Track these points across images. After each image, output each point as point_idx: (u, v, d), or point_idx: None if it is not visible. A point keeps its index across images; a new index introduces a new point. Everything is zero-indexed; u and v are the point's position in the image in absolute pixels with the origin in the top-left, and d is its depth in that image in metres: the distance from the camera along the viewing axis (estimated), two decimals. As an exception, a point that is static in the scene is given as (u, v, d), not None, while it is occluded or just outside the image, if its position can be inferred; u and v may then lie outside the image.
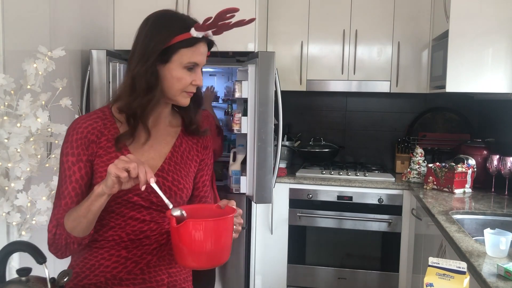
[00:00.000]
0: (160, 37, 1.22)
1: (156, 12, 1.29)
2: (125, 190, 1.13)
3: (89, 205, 1.11)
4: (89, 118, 1.23)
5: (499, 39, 2.59)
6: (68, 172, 1.18)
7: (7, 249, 1.42)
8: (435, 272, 1.25)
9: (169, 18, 1.27)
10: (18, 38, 1.97)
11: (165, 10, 1.31)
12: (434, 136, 3.46)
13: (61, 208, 1.18)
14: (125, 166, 1.03)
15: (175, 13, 1.30)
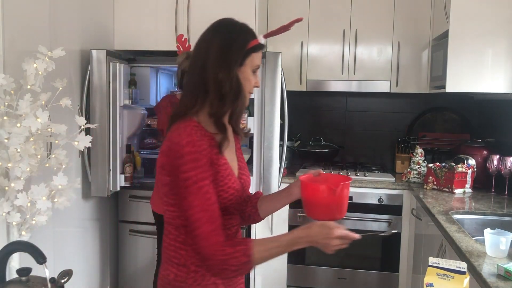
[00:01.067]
0: (239, 44, 1.29)
1: (221, 21, 1.36)
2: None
3: (288, 249, 1.22)
4: (199, 136, 1.23)
5: (499, 40, 2.59)
6: (209, 196, 1.20)
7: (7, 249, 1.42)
8: (435, 272, 1.25)
9: (239, 26, 1.35)
10: (18, 38, 1.97)
11: (229, 19, 1.37)
12: (434, 136, 3.46)
13: (219, 232, 1.20)
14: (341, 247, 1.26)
15: (239, 22, 1.38)
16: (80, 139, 1.81)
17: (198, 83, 1.27)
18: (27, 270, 1.40)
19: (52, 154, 1.79)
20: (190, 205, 1.18)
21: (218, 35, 1.30)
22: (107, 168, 2.68)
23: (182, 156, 1.17)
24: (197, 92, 1.27)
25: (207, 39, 1.30)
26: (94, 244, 2.84)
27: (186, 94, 1.33)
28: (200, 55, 1.29)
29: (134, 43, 2.99)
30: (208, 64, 1.26)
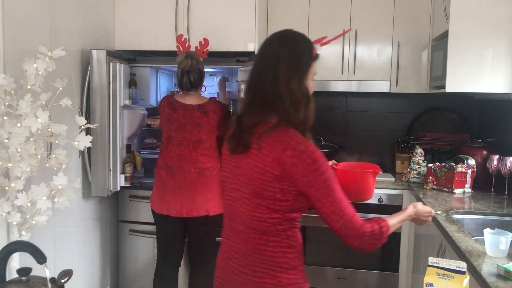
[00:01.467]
0: (307, 55, 1.37)
1: (285, 33, 1.41)
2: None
3: (403, 223, 1.51)
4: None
5: (499, 39, 2.59)
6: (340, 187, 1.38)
7: (7, 249, 1.42)
8: (435, 272, 1.25)
9: (303, 37, 1.42)
10: (18, 38, 1.97)
11: (290, 30, 1.43)
12: (434, 136, 3.46)
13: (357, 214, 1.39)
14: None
15: (299, 32, 1.44)
16: (80, 139, 1.81)
17: (270, 93, 1.31)
18: (27, 270, 1.40)
19: (52, 154, 1.80)
20: (336, 199, 1.34)
21: (287, 47, 1.35)
22: (107, 168, 2.68)
23: (316, 160, 1.27)
24: (270, 102, 1.32)
25: (275, 52, 1.34)
26: (94, 244, 2.84)
27: (255, 104, 1.34)
28: (269, 67, 1.33)
29: (134, 43, 2.99)
30: (280, 75, 1.31)
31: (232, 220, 1.39)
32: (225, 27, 2.91)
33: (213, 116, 2.57)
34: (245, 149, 1.32)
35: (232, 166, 1.38)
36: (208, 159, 2.58)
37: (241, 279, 1.35)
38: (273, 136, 1.29)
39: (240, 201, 1.34)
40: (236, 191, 1.36)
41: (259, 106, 1.34)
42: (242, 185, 1.33)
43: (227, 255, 1.41)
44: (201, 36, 2.88)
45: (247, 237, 1.33)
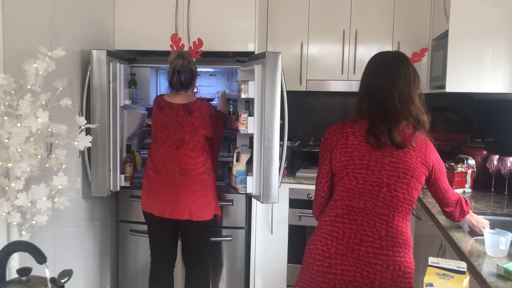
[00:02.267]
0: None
1: (402, 54, 1.74)
2: None
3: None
4: None
5: (499, 39, 2.59)
6: None
7: (7, 249, 1.42)
8: (435, 272, 1.25)
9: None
10: (18, 38, 1.97)
11: (396, 52, 1.83)
12: (434, 136, 3.41)
13: None
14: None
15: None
16: (80, 139, 1.81)
17: (410, 105, 1.66)
18: (27, 270, 1.40)
19: (52, 154, 1.79)
20: (448, 186, 1.75)
21: (410, 66, 1.68)
22: (107, 168, 2.68)
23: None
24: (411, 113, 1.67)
25: (405, 71, 1.65)
26: (94, 244, 2.84)
27: (403, 114, 1.61)
28: (406, 84, 1.64)
29: (134, 43, 2.99)
30: (412, 90, 1.67)
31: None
32: (225, 27, 2.91)
33: (198, 116, 2.52)
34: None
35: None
36: (192, 160, 2.52)
37: (381, 262, 1.43)
38: (422, 141, 1.67)
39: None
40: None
41: (408, 117, 1.70)
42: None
43: (354, 240, 1.45)
44: (201, 36, 2.88)
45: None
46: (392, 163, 1.50)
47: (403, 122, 1.57)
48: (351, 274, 1.42)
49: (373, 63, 1.69)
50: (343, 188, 1.52)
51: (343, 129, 1.59)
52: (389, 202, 1.47)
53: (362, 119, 1.61)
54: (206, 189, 2.57)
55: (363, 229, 1.45)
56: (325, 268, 1.45)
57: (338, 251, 1.45)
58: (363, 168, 1.50)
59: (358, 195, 1.49)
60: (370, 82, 1.64)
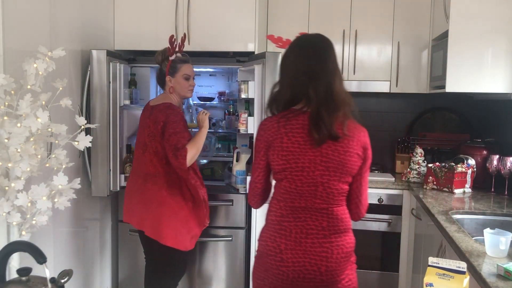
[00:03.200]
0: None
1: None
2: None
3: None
4: None
5: (499, 39, 2.59)
6: None
7: (7, 249, 1.42)
8: (435, 272, 1.25)
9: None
10: (18, 38, 1.97)
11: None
12: (434, 136, 3.46)
13: None
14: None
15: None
16: (80, 139, 1.81)
17: (345, 89, 1.63)
18: (27, 270, 1.40)
19: (52, 154, 1.79)
20: (366, 181, 1.67)
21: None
22: (107, 168, 2.68)
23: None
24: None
25: (335, 55, 1.67)
26: (94, 244, 2.84)
27: (344, 101, 1.59)
28: (338, 67, 1.65)
29: (134, 43, 2.99)
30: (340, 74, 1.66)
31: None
32: (225, 27, 2.91)
33: (153, 119, 2.32)
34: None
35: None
36: (152, 166, 2.37)
37: (326, 249, 1.59)
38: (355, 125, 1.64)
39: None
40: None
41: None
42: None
43: (301, 235, 1.58)
44: (201, 36, 2.88)
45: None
46: (323, 162, 1.56)
47: (342, 110, 1.56)
48: (301, 264, 1.57)
49: (302, 46, 1.67)
50: (284, 190, 1.61)
51: (278, 129, 1.59)
52: (325, 198, 1.58)
53: (292, 113, 1.60)
54: (163, 204, 2.36)
55: (307, 224, 1.58)
56: (278, 262, 1.58)
57: (288, 247, 1.58)
58: (299, 171, 1.57)
59: (299, 196, 1.59)
60: (308, 65, 1.59)
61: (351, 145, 1.56)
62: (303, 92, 1.58)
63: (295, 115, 1.59)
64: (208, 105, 3.38)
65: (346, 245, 1.63)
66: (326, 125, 1.53)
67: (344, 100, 1.56)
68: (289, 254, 1.57)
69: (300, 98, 1.61)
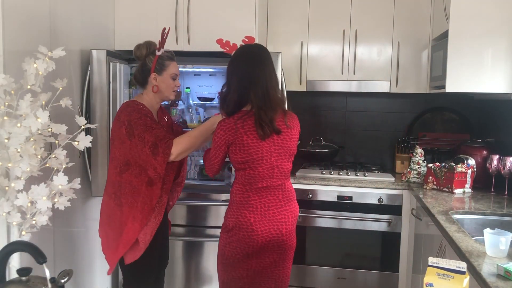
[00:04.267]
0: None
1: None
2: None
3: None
4: None
5: (499, 39, 2.59)
6: None
7: (7, 249, 1.42)
8: (435, 272, 1.25)
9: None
10: (18, 38, 1.97)
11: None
12: (434, 136, 3.47)
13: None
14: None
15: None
16: (80, 139, 1.81)
17: (279, 91, 2.08)
18: (27, 270, 1.40)
19: (52, 154, 1.79)
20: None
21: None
22: (107, 168, 2.68)
23: None
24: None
25: (271, 62, 2.04)
26: (94, 244, 2.83)
27: (279, 101, 2.02)
28: (274, 73, 2.03)
29: (134, 43, 2.97)
30: (275, 78, 2.07)
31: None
32: (225, 27, 2.91)
33: (114, 123, 2.15)
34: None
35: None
36: (109, 176, 2.17)
37: (284, 216, 2.01)
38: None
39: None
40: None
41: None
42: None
43: (264, 209, 1.97)
44: (201, 36, 2.88)
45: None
46: (276, 150, 1.97)
47: (279, 108, 1.97)
48: (267, 231, 1.96)
49: (245, 55, 1.99)
50: (248, 176, 1.98)
51: (236, 130, 1.92)
52: (280, 177, 2.01)
53: (247, 115, 1.94)
54: (106, 218, 2.16)
55: (267, 199, 1.98)
56: (249, 233, 1.96)
57: (256, 220, 1.96)
58: (259, 160, 1.95)
59: (260, 179, 1.97)
60: (249, 73, 1.93)
61: (293, 133, 2.02)
62: (246, 95, 1.92)
63: (248, 116, 1.93)
64: (208, 105, 3.37)
65: (295, 210, 2.08)
66: (266, 124, 1.91)
67: (278, 102, 1.96)
68: (258, 225, 1.95)
69: (246, 100, 1.94)
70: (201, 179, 3.15)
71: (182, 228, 2.97)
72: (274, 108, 1.93)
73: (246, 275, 2.01)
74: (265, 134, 1.92)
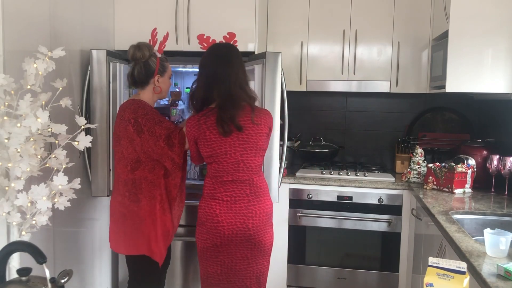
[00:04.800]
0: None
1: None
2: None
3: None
4: None
5: (499, 39, 2.59)
6: None
7: (7, 249, 1.42)
8: (435, 272, 1.25)
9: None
10: (18, 38, 1.97)
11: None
12: (434, 136, 3.47)
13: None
14: None
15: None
16: (80, 139, 1.81)
17: (247, 88, 2.12)
18: (27, 270, 1.40)
19: (52, 154, 1.79)
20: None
21: (240, 55, 2.11)
22: (107, 168, 2.68)
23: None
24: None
25: (240, 60, 2.09)
26: (94, 244, 2.84)
27: (243, 98, 2.05)
28: (242, 70, 2.08)
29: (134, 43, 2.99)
30: (245, 75, 2.12)
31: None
32: (225, 27, 2.90)
33: (119, 123, 2.21)
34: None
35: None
36: (117, 175, 2.28)
37: (251, 211, 2.05)
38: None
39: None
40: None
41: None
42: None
43: (231, 202, 2.03)
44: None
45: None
46: (241, 145, 2.02)
47: (243, 105, 2.01)
48: (233, 223, 2.02)
49: (213, 54, 2.05)
50: (214, 170, 2.06)
51: (200, 126, 2.01)
52: (247, 171, 2.04)
53: (211, 112, 2.01)
54: (122, 216, 2.27)
55: (234, 193, 2.04)
56: (215, 224, 2.03)
57: (222, 212, 2.03)
58: (223, 154, 2.02)
59: (226, 173, 2.03)
60: (214, 72, 2.00)
61: (260, 129, 2.04)
62: (211, 93, 2.00)
63: (212, 113, 2.01)
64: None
65: (265, 206, 2.09)
66: (226, 121, 1.96)
67: (242, 99, 2.00)
68: (223, 217, 2.02)
69: (212, 98, 2.02)
70: (201, 179, 3.15)
71: (182, 228, 2.96)
72: (237, 106, 1.98)
73: (221, 271, 2.07)
74: (225, 132, 1.98)
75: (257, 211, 2.05)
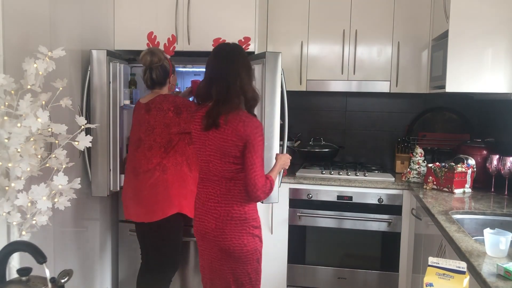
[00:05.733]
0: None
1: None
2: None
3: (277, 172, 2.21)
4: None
5: (499, 39, 2.59)
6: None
7: (7, 249, 1.42)
8: (435, 272, 1.25)
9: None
10: (18, 38, 1.97)
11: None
12: (434, 136, 3.47)
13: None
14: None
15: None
16: (80, 139, 1.81)
17: (248, 87, 2.04)
18: (27, 270, 1.40)
19: (52, 154, 1.79)
20: (252, 163, 1.93)
21: (246, 56, 2.07)
22: (107, 168, 2.68)
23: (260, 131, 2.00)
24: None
25: (244, 60, 2.06)
26: (94, 244, 2.84)
27: (240, 97, 2.01)
28: (245, 70, 2.05)
29: (134, 43, 2.99)
30: (248, 75, 2.07)
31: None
32: (225, 27, 2.91)
33: (155, 114, 2.45)
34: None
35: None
36: (146, 161, 2.46)
37: (217, 212, 2.01)
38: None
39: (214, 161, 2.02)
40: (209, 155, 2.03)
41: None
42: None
43: (205, 198, 2.05)
44: (201, 36, 2.88)
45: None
46: (209, 145, 2.01)
47: (237, 103, 1.98)
48: (202, 221, 2.06)
49: (215, 53, 2.07)
50: (199, 164, 2.11)
51: (192, 118, 2.11)
52: (216, 172, 2.01)
53: (205, 107, 2.02)
54: (156, 187, 2.45)
55: (208, 191, 2.05)
56: (195, 218, 2.12)
57: (197, 207, 2.10)
58: (198, 150, 2.07)
59: (201, 169, 2.09)
60: (214, 70, 2.02)
61: (226, 133, 1.94)
62: (211, 89, 2.00)
63: (206, 108, 2.02)
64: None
65: (232, 210, 2.00)
66: (211, 116, 1.95)
67: (234, 99, 1.96)
68: (198, 212, 2.09)
69: (211, 94, 2.02)
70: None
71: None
72: (230, 104, 1.97)
73: (205, 266, 2.13)
74: (204, 126, 2.00)
75: (222, 212, 2.00)
